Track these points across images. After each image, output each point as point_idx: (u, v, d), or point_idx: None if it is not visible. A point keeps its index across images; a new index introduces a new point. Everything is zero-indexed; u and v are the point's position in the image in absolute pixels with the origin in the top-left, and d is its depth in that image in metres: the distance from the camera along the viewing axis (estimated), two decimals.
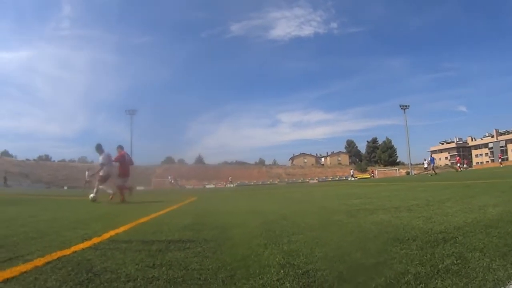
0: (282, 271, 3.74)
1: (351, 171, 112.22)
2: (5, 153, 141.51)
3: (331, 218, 7.94)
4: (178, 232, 6.83)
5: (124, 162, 18.38)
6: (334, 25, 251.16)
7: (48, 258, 4.63)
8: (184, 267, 4.12)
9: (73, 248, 5.27)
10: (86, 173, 50.02)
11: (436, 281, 3.12)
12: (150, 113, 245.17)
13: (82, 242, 5.83)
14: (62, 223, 8.99)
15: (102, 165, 18.04)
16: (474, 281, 3.04)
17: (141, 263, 4.32)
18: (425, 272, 3.36)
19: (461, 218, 6.34)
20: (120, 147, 18.97)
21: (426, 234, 5.17)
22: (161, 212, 11.49)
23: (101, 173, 18.08)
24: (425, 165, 61.02)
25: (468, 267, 3.43)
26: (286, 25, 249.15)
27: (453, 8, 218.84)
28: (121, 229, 7.40)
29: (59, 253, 4.90)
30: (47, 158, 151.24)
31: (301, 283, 3.32)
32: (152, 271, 3.99)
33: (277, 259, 4.27)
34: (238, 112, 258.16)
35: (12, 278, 3.75)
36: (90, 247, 5.41)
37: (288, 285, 3.31)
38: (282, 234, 6.10)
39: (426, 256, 3.90)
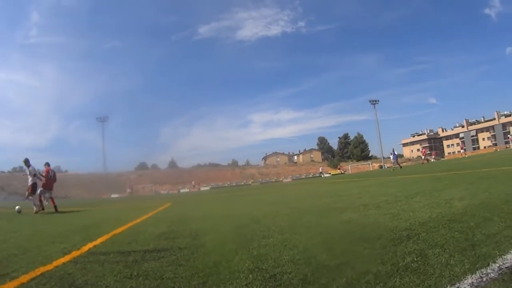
0: (250, 276, 3.88)
1: (320, 168, 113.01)
2: None
3: (302, 219, 8.09)
4: (153, 241, 6.93)
5: (48, 178, 20.04)
6: (301, 23, 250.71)
7: (32, 274, 4.73)
8: (159, 276, 4.28)
9: (55, 263, 5.36)
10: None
11: (395, 279, 3.25)
12: (123, 119, 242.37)
13: (63, 256, 5.89)
14: (41, 237, 9.02)
15: (29, 176, 19.84)
16: (431, 278, 3.18)
17: (119, 275, 4.46)
18: (385, 271, 3.49)
19: (426, 214, 6.49)
20: (47, 164, 20.79)
21: (391, 232, 5.31)
22: (137, 221, 11.54)
23: (29, 183, 19.69)
24: (392, 160, 61.67)
25: (427, 264, 3.57)
26: (253, 26, 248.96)
27: (423, 2, 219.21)
28: (99, 240, 7.44)
29: (42, 269, 4.99)
30: (21, 169, 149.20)
31: (268, 287, 3.47)
32: (129, 281, 4.15)
33: (246, 264, 4.40)
34: (211, 114, 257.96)
35: None
36: (70, 261, 5.49)
37: None
38: (253, 238, 6.24)
39: (388, 255, 4.04)
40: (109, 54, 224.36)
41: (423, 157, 77.47)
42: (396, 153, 57.49)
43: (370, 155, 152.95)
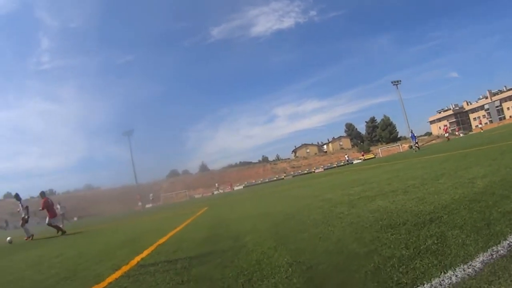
0: (290, 269, 4.24)
1: (346, 156, 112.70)
2: (8, 195, 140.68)
3: (334, 211, 8.34)
4: (197, 247, 7.32)
5: (48, 206, 21.08)
6: (313, 12, 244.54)
7: None
8: (209, 278, 4.64)
9: (108, 279, 5.73)
10: (58, 206, 50.03)
11: (416, 261, 3.55)
12: (147, 129, 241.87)
13: (114, 272, 6.26)
14: (87, 257, 9.32)
15: (27, 207, 21.35)
16: (447, 258, 3.47)
17: (171, 282, 4.82)
18: (408, 255, 3.81)
19: (450, 195, 6.74)
20: (42, 194, 22.48)
21: (416, 216, 5.62)
22: (178, 229, 11.88)
23: (23, 215, 21.02)
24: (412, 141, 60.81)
25: (445, 245, 3.87)
26: (266, 20, 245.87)
27: None
28: (145, 253, 7.82)
29: (96, 287, 5.35)
30: (51, 192, 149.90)
31: (306, 277, 3.81)
32: (182, 287, 4.52)
33: (285, 259, 4.77)
34: (233, 114, 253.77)
35: None
36: (122, 276, 5.86)
37: (295, 280, 3.79)
38: (289, 234, 6.65)
39: (412, 239, 4.35)
40: (124, 68, 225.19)
41: (446, 134, 76.59)
42: (415, 134, 57.28)
43: (398, 136, 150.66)
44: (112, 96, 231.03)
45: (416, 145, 54.75)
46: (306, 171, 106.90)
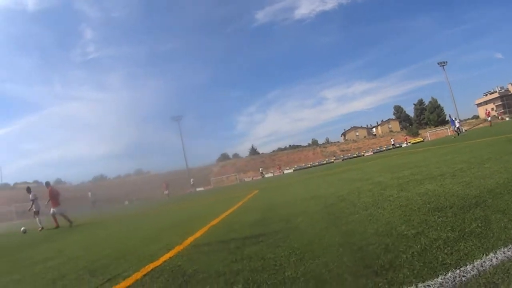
0: (341, 249, 4.43)
1: (391, 139, 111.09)
2: (59, 181, 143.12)
3: (384, 194, 8.50)
4: (249, 229, 7.54)
5: (53, 196, 22.02)
6: None
7: (143, 271, 5.36)
8: (261, 257, 4.84)
9: (162, 259, 6.02)
10: (89, 194, 50.83)
11: (460, 244, 3.70)
12: (197, 114, 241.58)
13: (168, 252, 6.56)
14: (140, 238, 9.77)
15: (32, 201, 22.25)
16: (489, 241, 3.60)
17: (225, 260, 5.04)
18: (453, 237, 3.95)
19: (495, 180, 6.83)
20: (47, 184, 23.00)
21: (462, 200, 5.75)
22: (229, 211, 12.10)
23: (34, 209, 22.20)
24: (457, 125, 59.30)
25: (489, 228, 4.00)
26: (309, 2, 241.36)
27: None
28: (198, 234, 8.11)
29: (151, 265, 5.64)
30: (102, 177, 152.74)
31: (356, 257, 3.97)
32: (236, 265, 4.71)
33: (336, 239, 4.97)
34: (282, 97, 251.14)
35: None
36: (176, 255, 6.15)
37: (345, 260, 3.96)
38: (341, 215, 6.83)
39: (457, 222, 4.50)
40: (170, 55, 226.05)
41: (488, 118, 74.97)
42: (454, 119, 56.31)
43: (446, 119, 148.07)
44: (160, 83, 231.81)
45: (457, 129, 53.63)
46: (355, 155, 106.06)
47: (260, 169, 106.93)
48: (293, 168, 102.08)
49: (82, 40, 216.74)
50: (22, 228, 21.89)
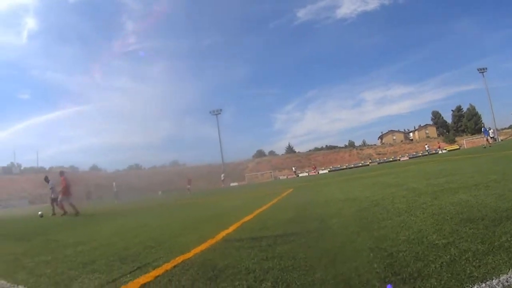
0: (371, 254, 4.46)
1: (426, 146, 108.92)
2: (94, 167, 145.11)
3: (417, 201, 8.47)
4: (282, 227, 7.63)
5: (65, 185, 22.51)
6: None
7: (174, 262, 5.44)
8: (293, 257, 4.87)
9: (193, 251, 6.12)
10: (114, 184, 51.35)
11: (489, 257, 3.70)
12: (235, 109, 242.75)
13: (199, 244, 6.65)
14: (173, 229, 9.98)
15: (51, 189, 23.47)
16: None
17: (255, 257, 5.10)
18: (482, 250, 3.95)
19: None
20: (61, 173, 23.50)
21: (494, 212, 5.73)
22: (263, 208, 12.18)
23: (52, 196, 23.25)
24: (491, 135, 58.37)
25: None
26: (351, 2, 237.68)
27: None
28: (231, 228, 8.20)
29: (182, 257, 5.72)
30: (137, 166, 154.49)
31: (385, 263, 4.00)
32: (266, 263, 4.76)
33: (368, 244, 5.00)
34: (322, 97, 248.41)
35: (148, 282, 4.54)
36: (208, 248, 6.25)
37: (375, 265, 3.99)
38: (373, 220, 6.85)
39: (488, 234, 4.49)
40: (211, 49, 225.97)
41: None
42: (487, 128, 55.77)
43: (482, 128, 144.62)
44: (199, 77, 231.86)
45: (489, 140, 52.85)
46: (391, 159, 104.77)
47: (293, 168, 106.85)
48: (328, 169, 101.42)
49: (123, 31, 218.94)
50: (40, 213, 23.01)
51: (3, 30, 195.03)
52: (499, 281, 3.15)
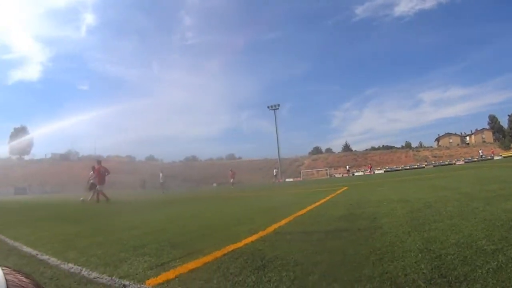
0: (420, 255, 4.48)
1: (480, 151, 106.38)
2: (151, 158, 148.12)
3: (470, 205, 8.42)
4: (334, 223, 7.72)
5: (99, 174, 25.24)
6: None
7: (224, 250, 5.57)
8: (342, 252, 4.94)
9: (244, 241, 6.25)
10: (160, 174, 51.65)
11: None
12: (292, 105, 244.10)
13: (251, 235, 6.78)
14: (226, 219, 10.20)
15: (91, 177, 25.40)
16: None
17: (305, 251, 5.16)
18: None
19: None
20: (97, 162, 25.89)
21: None
22: (316, 204, 12.24)
23: (91, 180, 25.14)
24: None
25: None
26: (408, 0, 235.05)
27: None
28: (283, 222, 8.31)
29: (232, 246, 5.85)
30: (194, 158, 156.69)
31: (433, 265, 4.00)
32: (315, 256, 4.83)
33: (417, 245, 5.01)
34: (380, 96, 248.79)
35: (197, 268, 4.67)
36: (258, 239, 6.37)
37: (423, 266, 4.00)
38: (425, 222, 6.82)
39: None
40: (269, 45, 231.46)
41: None
42: None
43: None
44: (257, 72, 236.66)
45: None
46: (446, 162, 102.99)
47: (347, 166, 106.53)
48: (384, 169, 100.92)
49: (181, 26, 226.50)
50: (81, 198, 24.78)
51: (63, 25, 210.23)
52: None
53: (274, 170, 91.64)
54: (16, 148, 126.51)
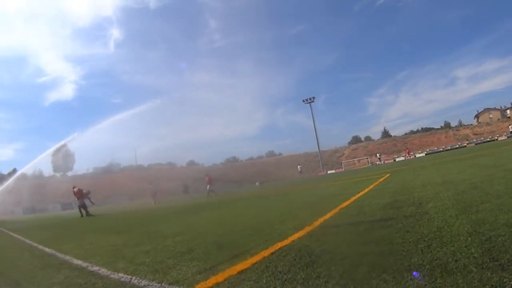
0: (469, 238, 4.39)
1: (509, 126, 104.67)
2: (191, 162, 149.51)
3: None
4: (379, 212, 7.63)
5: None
6: None
7: (271, 249, 5.56)
8: (389, 242, 4.87)
9: (290, 238, 6.21)
10: (206, 178, 51.65)
11: None
12: (327, 96, 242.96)
13: (296, 231, 6.73)
14: (270, 216, 10.15)
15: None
16: None
17: (352, 243, 5.17)
18: None
19: None
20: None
21: None
22: (360, 194, 12.20)
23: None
24: None
25: None
26: None
27: None
28: (328, 215, 8.28)
29: (279, 244, 5.83)
30: (234, 159, 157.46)
31: (483, 248, 3.91)
32: (363, 247, 4.80)
33: (466, 228, 4.93)
34: (413, 78, 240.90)
35: (246, 269, 4.64)
36: (305, 235, 6.31)
37: (473, 250, 3.91)
38: (472, 203, 6.71)
39: None
40: (297, 38, 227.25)
41: None
42: None
43: None
44: (288, 66, 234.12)
45: None
46: (488, 139, 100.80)
47: (378, 154, 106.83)
48: (425, 152, 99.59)
49: (207, 30, 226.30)
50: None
51: (91, 42, 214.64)
52: None
53: (298, 166, 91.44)
54: (58, 165, 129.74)
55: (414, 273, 3.47)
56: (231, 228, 9.16)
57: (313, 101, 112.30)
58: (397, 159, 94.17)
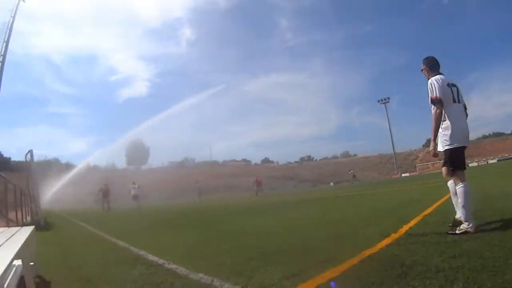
0: None
1: None
2: (266, 160, 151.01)
3: None
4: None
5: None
6: None
7: (359, 257, 5.43)
8: (480, 256, 4.66)
9: (378, 245, 6.10)
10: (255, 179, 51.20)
11: None
12: (401, 97, 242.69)
13: (383, 239, 6.63)
14: (354, 221, 10.00)
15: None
16: None
17: (443, 255, 4.94)
18: None
19: None
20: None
21: None
22: (442, 200, 11.83)
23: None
24: None
25: None
26: None
27: None
28: (412, 222, 8.15)
29: (367, 252, 5.69)
30: (309, 158, 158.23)
31: None
32: (454, 261, 4.58)
33: None
34: (483, 80, 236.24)
35: (336, 277, 4.53)
36: (392, 243, 6.20)
37: None
38: None
39: None
40: (368, 37, 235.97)
41: None
42: None
43: None
44: (361, 66, 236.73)
45: None
46: None
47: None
48: (497, 158, 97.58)
49: (278, 29, 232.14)
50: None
51: (163, 42, 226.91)
52: None
53: (350, 171, 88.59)
54: (132, 158, 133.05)
55: None
56: (315, 231, 9.08)
57: (388, 102, 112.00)
58: (470, 165, 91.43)
